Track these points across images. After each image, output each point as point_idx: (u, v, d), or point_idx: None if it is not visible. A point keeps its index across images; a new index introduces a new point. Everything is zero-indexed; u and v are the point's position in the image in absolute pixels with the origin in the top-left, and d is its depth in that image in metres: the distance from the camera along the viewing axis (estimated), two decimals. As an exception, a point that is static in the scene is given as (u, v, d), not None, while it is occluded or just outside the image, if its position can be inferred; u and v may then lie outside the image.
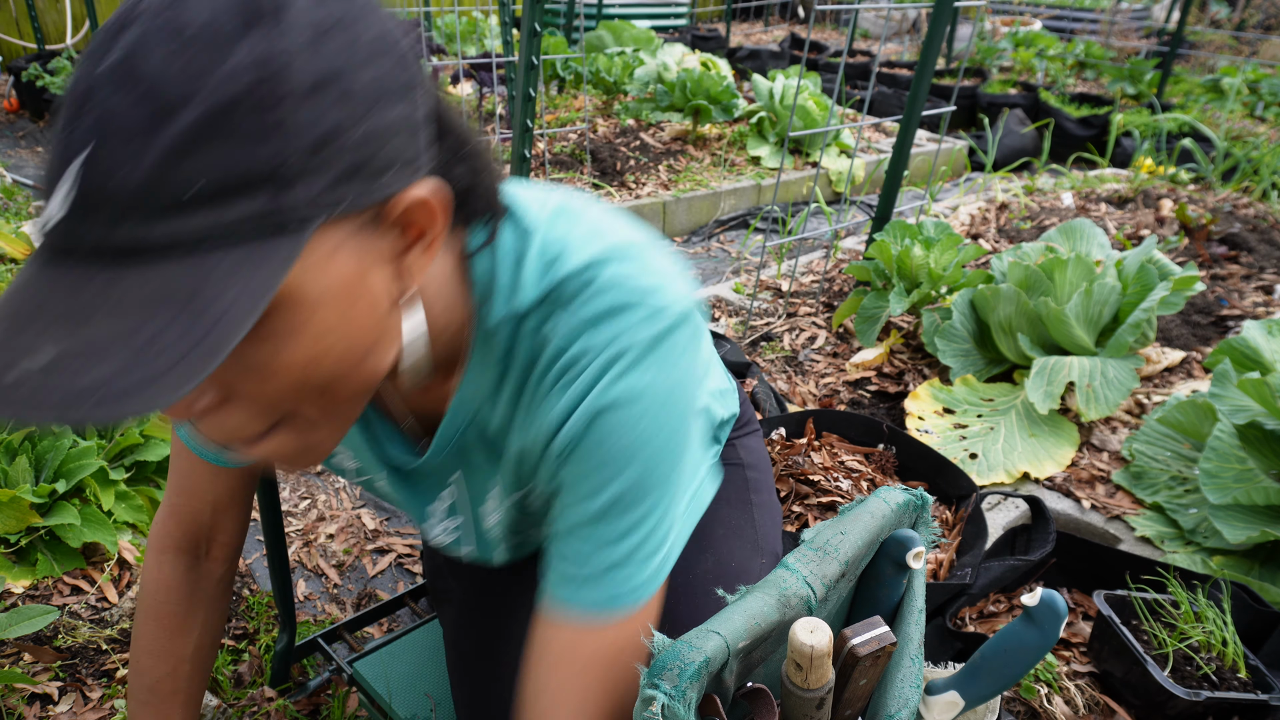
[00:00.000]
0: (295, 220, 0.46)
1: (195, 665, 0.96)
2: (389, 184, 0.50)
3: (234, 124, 0.43)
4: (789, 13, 10.77)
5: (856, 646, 0.66)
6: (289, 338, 0.50)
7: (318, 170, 0.46)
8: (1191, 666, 1.32)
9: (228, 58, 0.43)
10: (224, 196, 0.44)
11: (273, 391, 0.52)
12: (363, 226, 0.51)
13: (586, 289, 0.62)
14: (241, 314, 0.44)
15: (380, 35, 0.49)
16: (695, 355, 0.65)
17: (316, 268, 0.49)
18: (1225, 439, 1.63)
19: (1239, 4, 9.51)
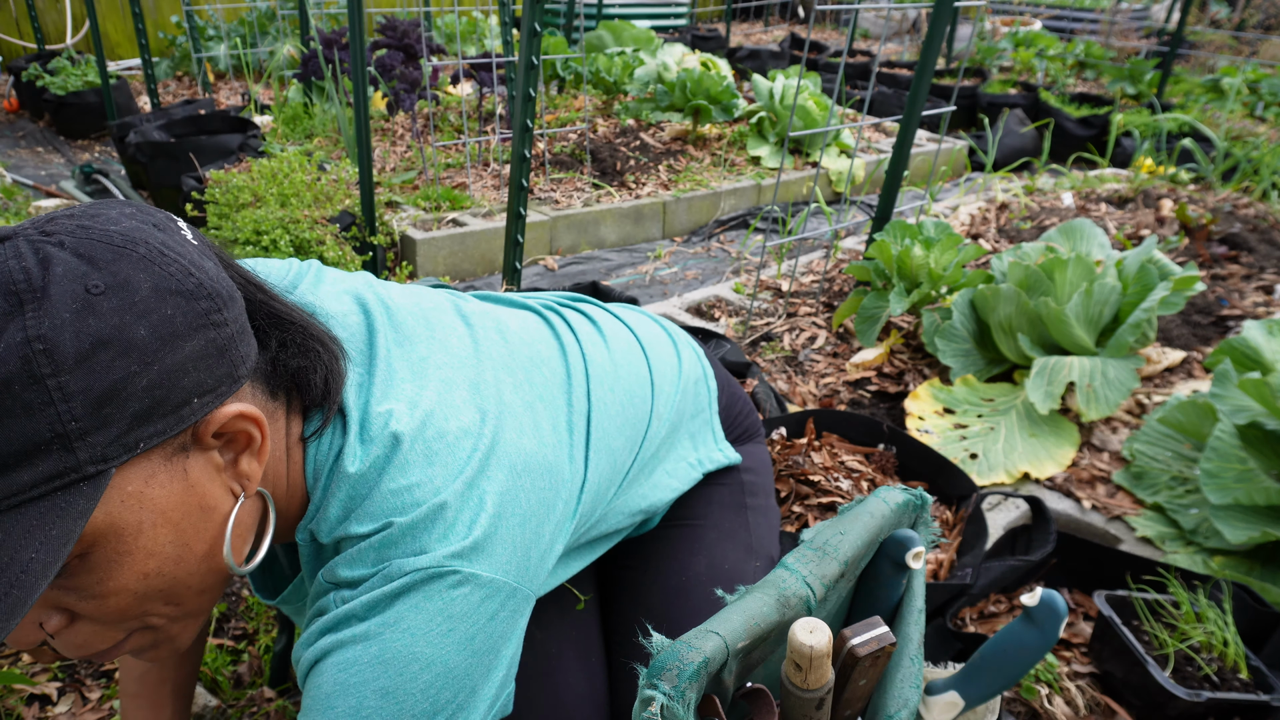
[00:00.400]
0: (89, 471, 0.49)
1: (183, 657, 0.97)
2: (194, 411, 0.53)
3: (8, 402, 0.46)
4: (789, 13, 10.77)
5: (856, 647, 0.66)
6: (115, 564, 0.53)
7: (106, 423, 0.49)
8: (1192, 667, 1.32)
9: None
10: (11, 466, 0.46)
11: (114, 610, 0.55)
12: (178, 451, 0.54)
13: (360, 553, 0.63)
14: (40, 568, 0.47)
15: (158, 285, 0.52)
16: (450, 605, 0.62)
17: (132, 499, 0.52)
18: (1226, 439, 1.63)
19: (1239, 4, 9.50)
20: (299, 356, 0.64)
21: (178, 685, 0.98)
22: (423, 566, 0.61)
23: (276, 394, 0.63)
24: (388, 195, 3.46)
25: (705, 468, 1.02)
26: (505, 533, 0.66)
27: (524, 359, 0.80)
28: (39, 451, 0.47)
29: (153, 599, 0.57)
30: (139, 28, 4.25)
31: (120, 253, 0.51)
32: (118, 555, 0.53)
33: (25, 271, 0.48)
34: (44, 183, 4.02)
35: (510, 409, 0.72)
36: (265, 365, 0.62)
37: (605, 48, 5.44)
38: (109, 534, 0.52)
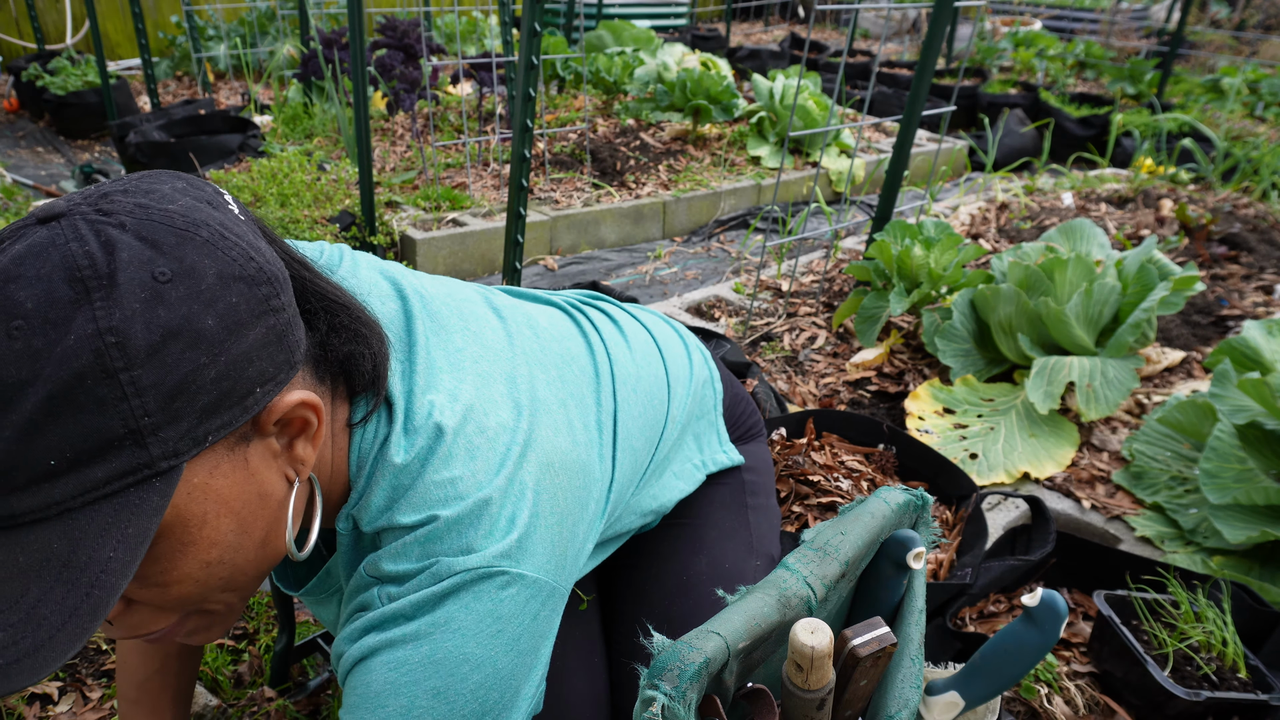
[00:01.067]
0: (162, 467, 0.48)
1: (183, 661, 0.96)
2: (258, 401, 0.53)
3: (82, 396, 0.45)
4: (789, 13, 10.77)
5: (857, 647, 0.66)
6: (179, 554, 0.52)
7: (177, 418, 0.48)
8: (1191, 666, 1.32)
9: (65, 335, 0.44)
10: (84, 462, 0.45)
11: (175, 597, 0.55)
12: (240, 440, 0.54)
13: (405, 547, 0.63)
14: (119, 567, 0.47)
15: (222, 271, 0.50)
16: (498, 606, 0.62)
17: (198, 491, 0.51)
18: (1225, 439, 1.63)
19: (1239, 4, 9.50)
20: (349, 341, 0.63)
21: (178, 691, 0.97)
22: (472, 567, 0.61)
23: (324, 378, 0.63)
24: (388, 195, 3.46)
25: (709, 469, 1.02)
26: (545, 531, 0.66)
27: (555, 355, 0.80)
28: (112, 448, 0.46)
29: (213, 586, 0.56)
30: (139, 28, 4.25)
31: (183, 236, 0.50)
32: (182, 546, 0.52)
33: (89, 256, 0.46)
34: (44, 183, 4.02)
35: (545, 405, 0.72)
36: (314, 349, 0.61)
37: (605, 48, 5.45)
38: (175, 526, 0.51)
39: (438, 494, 0.63)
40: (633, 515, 0.92)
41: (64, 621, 0.45)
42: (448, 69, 4.90)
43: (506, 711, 0.64)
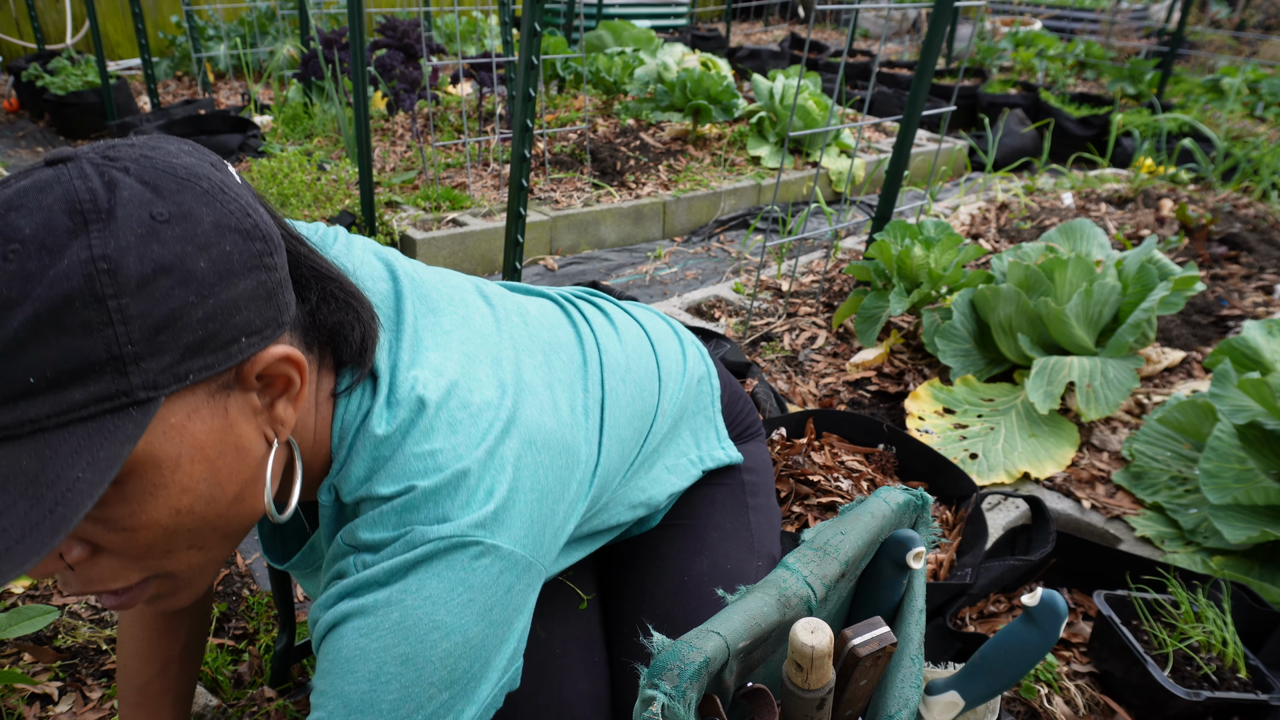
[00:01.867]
0: (140, 397, 0.48)
1: (184, 664, 0.96)
2: (242, 350, 0.53)
3: (68, 318, 0.45)
4: (789, 13, 10.77)
5: (857, 647, 0.66)
6: (150, 496, 0.52)
7: (160, 350, 0.49)
8: (1191, 666, 1.32)
9: (59, 260, 0.46)
10: (63, 383, 0.46)
11: (141, 544, 0.55)
12: (221, 388, 0.54)
13: (382, 515, 0.63)
14: (86, 488, 0.47)
15: (219, 220, 0.52)
16: (469, 576, 0.63)
17: (174, 431, 0.52)
18: (1225, 439, 1.63)
19: (1239, 4, 9.50)
20: (339, 312, 0.64)
21: (179, 695, 0.97)
22: (445, 535, 0.61)
23: (311, 347, 0.63)
24: (387, 195, 3.46)
25: (706, 465, 1.02)
26: (524, 505, 0.66)
27: (543, 342, 0.80)
28: (93, 372, 0.47)
29: (180, 538, 0.56)
30: (139, 28, 4.25)
31: (184, 184, 0.51)
32: (153, 488, 0.52)
33: (91, 192, 0.48)
34: (44, 182, 4.02)
35: (530, 387, 0.73)
36: (304, 318, 0.62)
37: (605, 48, 5.45)
38: (147, 465, 0.51)
39: (417, 465, 0.63)
40: (621, 507, 0.91)
41: (24, 535, 0.45)
42: (448, 69, 4.90)
43: (475, 682, 0.64)
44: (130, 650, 0.93)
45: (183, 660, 0.96)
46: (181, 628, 0.94)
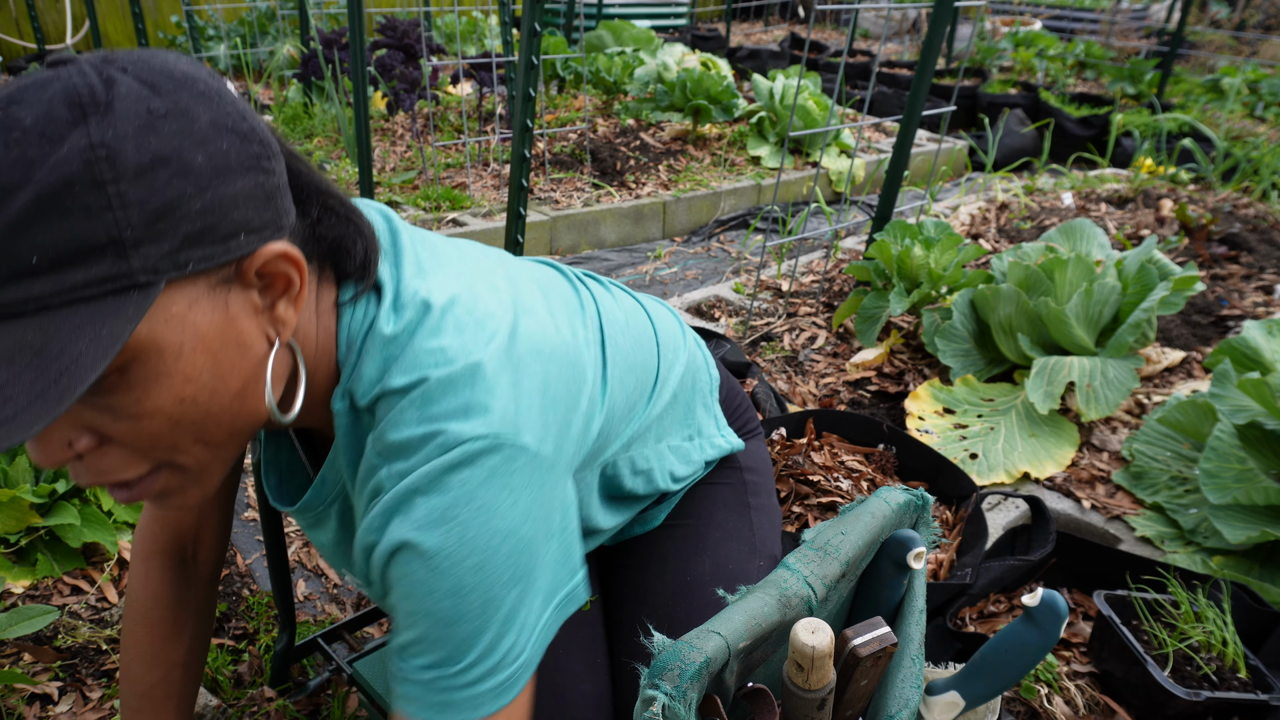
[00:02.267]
0: (141, 281, 0.50)
1: (188, 669, 0.96)
2: (241, 246, 0.55)
3: (69, 201, 0.47)
4: (789, 13, 10.77)
5: (858, 647, 0.66)
6: (154, 383, 0.54)
7: (159, 237, 0.50)
8: (1191, 666, 1.32)
9: (59, 147, 0.47)
10: (65, 264, 0.48)
11: (146, 434, 0.56)
12: (222, 282, 0.55)
13: (402, 412, 0.64)
14: (90, 361, 0.48)
15: (216, 120, 0.53)
16: (509, 479, 0.64)
17: (175, 320, 0.53)
18: (1225, 439, 1.63)
19: (1239, 4, 9.50)
20: (339, 225, 0.65)
21: (183, 701, 0.96)
22: (477, 435, 0.63)
23: (312, 259, 0.65)
24: (388, 195, 3.46)
25: (707, 454, 1.02)
26: (541, 406, 0.67)
27: (540, 280, 0.82)
28: (94, 254, 0.48)
29: (185, 430, 0.57)
30: (139, 28, 4.25)
31: (181, 84, 0.53)
32: (156, 375, 0.54)
33: (90, 88, 0.50)
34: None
35: (530, 309, 0.74)
36: (304, 230, 0.63)
37: (605, 47, 5.45)
38: (150, 351, 0.53)
39: (428, 359, 0.64)
40: (627, 471, 0.91)
41: (30, 402, 0.47)
42: (448, 69, 4.90)
43: (534, 576, 0.67)
44: (133, 655, 0.93)
45: (186, 666, 0.95)
46: (186, 632, 0.94)
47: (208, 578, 0.96)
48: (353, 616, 1.42)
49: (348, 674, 1.26)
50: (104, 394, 0.53)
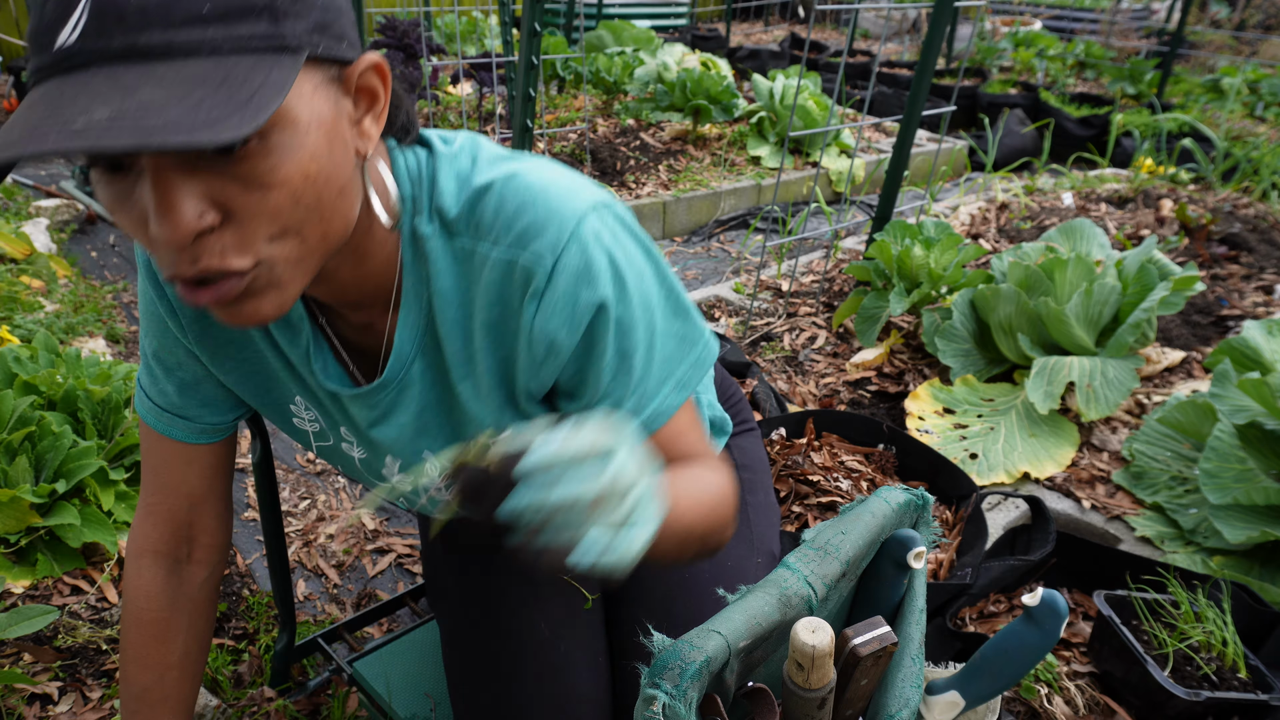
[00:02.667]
0: (291, 45, 0.54)
1: (183, 673, 0.94)
2: (346, 50, 0.59)
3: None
4: (789, 13, 10.77)
5: (858, 646, 0.66)
6: (287, 154, 0.56)
7: (300, 14, 0.54)
8: (1191, 666, 1.32)
9: None
10: (231, 17, 0.51)
11: (270, 209, 0.57)
12: (332, 80, 0.59)
13: (503, 202, 0.69)
14: (272, 92, 0.51)
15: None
16: (625, 224, 0.73)
17: (306, 98, 0.56)
18: (1225, 439, 1.63)
19: (1239, 4, 9.51)
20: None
21: (179, 705, 0.95)
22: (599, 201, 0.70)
23: None
24: (388, 195, 3.45)
25: (707, 413, 1.02)
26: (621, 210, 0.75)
27: None
28: (253, 13, 0.52)
29: (298, 212, 0.58)
30: (139, 27, 4.24)
31: None
32: (290, 146, 0.56)
33: None
34: (44, 183, 4.02)
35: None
36: None
37: (605, 48, 5.45)
38: (288, 121, 0.55)
39: (506, 159, 0.71)
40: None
41: (231, 113, 0.49)
42: (448, 69, 4.90)
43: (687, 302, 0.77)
44: (129, 656, 0.93)
45: (181, 669, 0.94)
46: (178, 635, 0.93)
47: (202, 580, 0.94)
48: (353, 616, 1.42)
49: (348, 674, 1.26)
50: (242, 161, 0.54)
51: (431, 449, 0.82)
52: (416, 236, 0.71)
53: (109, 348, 2.38)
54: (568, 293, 0.68)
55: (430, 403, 0.79)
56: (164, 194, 0.53)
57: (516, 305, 0.70)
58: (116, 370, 1.78)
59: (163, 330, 0.81)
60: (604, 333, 0.70)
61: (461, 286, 0.72)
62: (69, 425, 1.58)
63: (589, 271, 0.68)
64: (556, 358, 0.71)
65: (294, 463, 2.10)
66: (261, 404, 0.86)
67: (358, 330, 0.78)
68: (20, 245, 2.69)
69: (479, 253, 0.70)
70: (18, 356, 1.71)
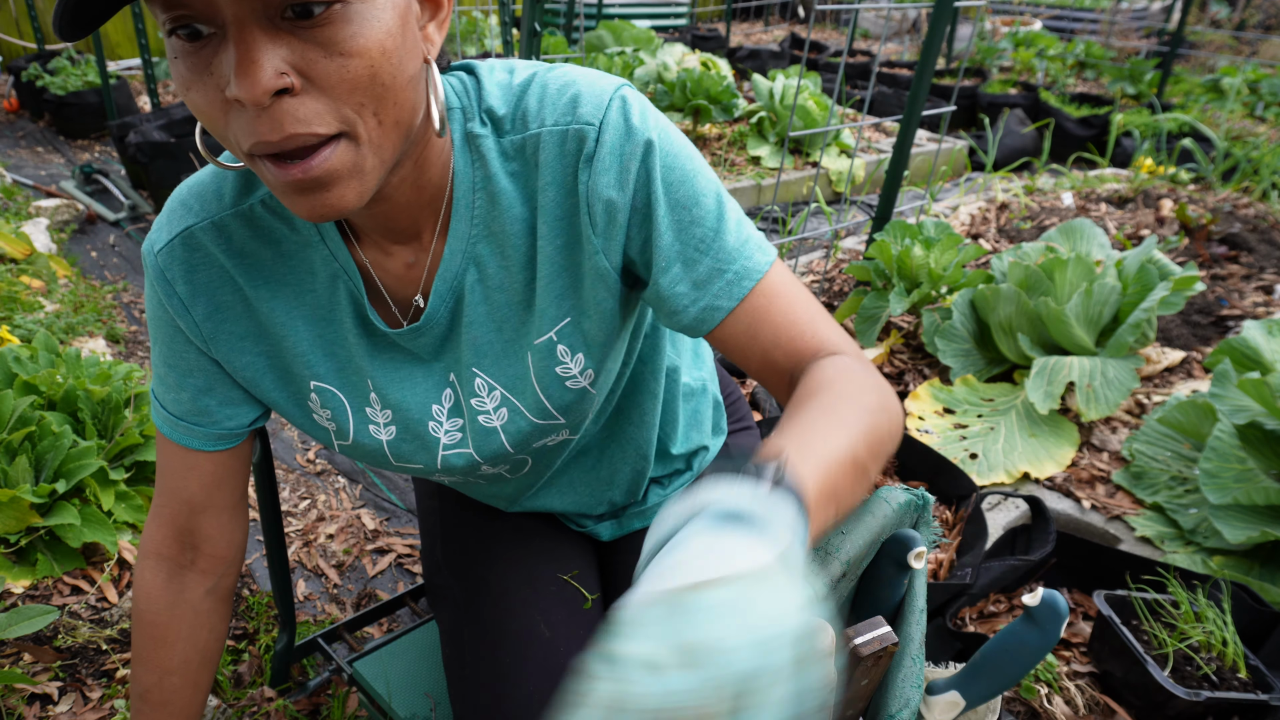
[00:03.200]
0: None
1: (184, 679, 0.93)
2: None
3: None
4: (789, 13, 10.77)
5: (859, 647, 0.66)
6: (366, 23, 0.57)
7: None
8: (1191, 666, 1.32)
9: None
10: None
11: (349, 78, 0.58)
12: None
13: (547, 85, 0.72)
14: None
15: None
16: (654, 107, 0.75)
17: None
18: (1225, 439, 1.63)
19: (1239, 4, 9.51)
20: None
21: (181, 710, 0.94)
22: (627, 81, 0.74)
23: None
24: (388, 195, 3.45)
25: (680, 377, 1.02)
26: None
27: None
28: None
29: (376, 88, 0.59)
30: (139, 28, 4.25)
31: None
32: (370, 17, 0.57)
33: None
34: (44, 183, 4.02)
35: None
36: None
37: (605, 48, 5.45)
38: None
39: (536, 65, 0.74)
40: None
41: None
42: (448, 69, 4.88)
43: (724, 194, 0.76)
44: (134, 655, 0.92)
45: (182, 675, 0.93)
46: (177, 640, 0.92)
47: (206, 589, 0.92)
48: (353, 616, 1.42)
49: (348, 674, 1.26)
50: (324, 25, 0.55)
51: (484, 369, 0.81)
52: (471, 138, 0.72)
53: (109, 348, 2.38)
54: (614, 147, 0.69)
55: (480, 316, 0.78)
56: (246, 50, 0.53)
57: (572, 178, 0.71)
58: (116, 370, 1.78)
59: (172, 334, 0.80)
60: (655, 180, 0.70)
61: (519, 181, 0.73)
62: (69, 425, 1.58)
63: (629, 122, 0.69)
64: (616, 222, 0.71)
65: (294, 463, 2.10)
66: (280, 397, 0.84)
67: (397, 276, 0.78)
68: (20, 245, 2.69)
69: (530, 137, 0.71)
70: (18, 356, 1.71)
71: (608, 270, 0.74)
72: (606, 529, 1.07)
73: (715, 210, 0.72)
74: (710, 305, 0.72)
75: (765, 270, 0.72)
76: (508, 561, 1.01)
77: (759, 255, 0.73)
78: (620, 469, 0.99)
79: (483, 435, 0.85)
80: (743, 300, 0.72)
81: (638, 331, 0.89)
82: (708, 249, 0.71)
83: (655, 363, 0.94)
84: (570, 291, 0.76)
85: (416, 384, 0.83)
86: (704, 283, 0.72)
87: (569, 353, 0.79)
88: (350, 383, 0.83)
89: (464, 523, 1.08)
